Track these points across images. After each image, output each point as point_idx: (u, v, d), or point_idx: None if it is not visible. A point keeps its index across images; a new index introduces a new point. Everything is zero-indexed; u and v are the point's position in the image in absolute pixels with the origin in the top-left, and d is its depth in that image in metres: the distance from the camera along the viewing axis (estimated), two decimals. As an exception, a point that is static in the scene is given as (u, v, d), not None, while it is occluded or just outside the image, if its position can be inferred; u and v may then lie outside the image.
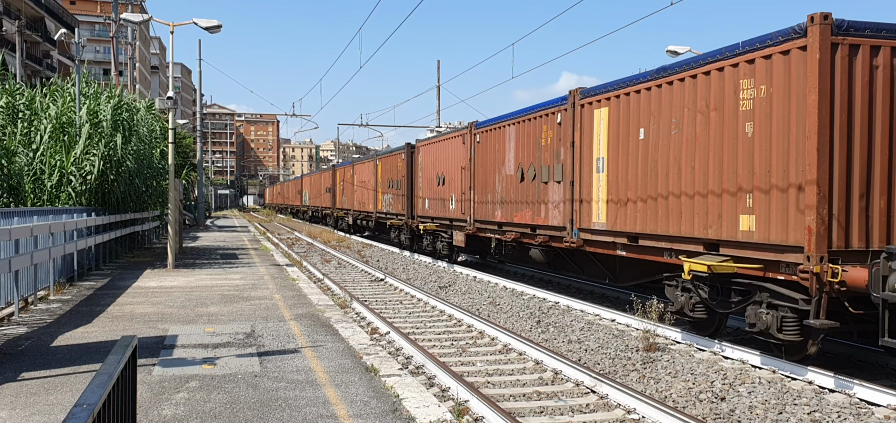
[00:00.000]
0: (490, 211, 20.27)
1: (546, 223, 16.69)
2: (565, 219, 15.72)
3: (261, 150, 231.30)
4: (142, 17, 22.97)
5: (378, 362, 8.99)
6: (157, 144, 28.71)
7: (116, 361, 3.46)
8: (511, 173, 18.71)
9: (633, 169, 13.16)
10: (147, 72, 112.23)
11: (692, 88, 11.58)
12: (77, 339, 10.38)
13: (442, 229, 24.87)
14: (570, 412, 8.32)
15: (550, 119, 16.48)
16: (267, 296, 14.92)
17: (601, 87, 14.54)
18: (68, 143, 20.73)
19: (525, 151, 17.84)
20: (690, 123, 11.61)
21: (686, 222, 11.65)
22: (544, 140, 16.79)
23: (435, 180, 25.50)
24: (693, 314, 11.69)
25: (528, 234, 17.71)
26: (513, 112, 19.07)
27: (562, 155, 15.87)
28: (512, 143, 18.69)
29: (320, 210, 56.32)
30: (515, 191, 18.41)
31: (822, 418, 7.96)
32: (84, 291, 15.57)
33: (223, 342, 10.14)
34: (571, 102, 15.44)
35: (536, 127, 17.21)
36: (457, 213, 23.13)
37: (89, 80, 24.83)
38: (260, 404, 7.20)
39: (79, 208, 18.65)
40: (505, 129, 19.18)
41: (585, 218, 14.91)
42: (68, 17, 78.49)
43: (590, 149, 14.74)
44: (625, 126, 13.44)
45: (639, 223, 12.95)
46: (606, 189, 14.07)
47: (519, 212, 18.19)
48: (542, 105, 17.11)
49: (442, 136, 25.41)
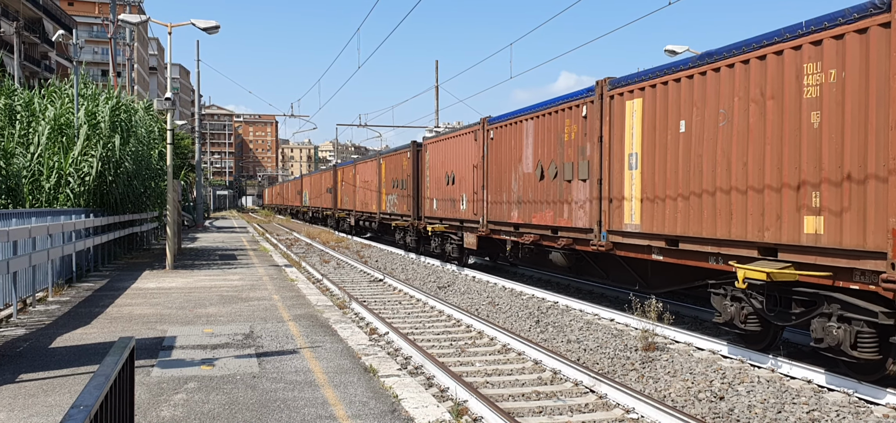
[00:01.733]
0: (505, 212, 19.14)
1: (569, 225, 15.59)
2: (592, 220, 14.61)
3: (259, 150, 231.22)
4: (140, 19, 22.95)
5: (377, 362, 8.98)
6: (155, 145, 28.70)
7: (114, 362, 3.45)
8: (529, 171, 17.60)
9: (673, 166, 12.04)
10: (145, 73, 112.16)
11: (743, 74, 10.47)
12: (76, 340, 10.36)
13: (451, 231, 23.74)
14: (570, 411, 8.32)
15: (574, 112, 15.35)
16: (265, 297, 14.91)
17: (634, 76, 13.36)
18: (66, 144, 20.71)
19: (545, 147, 16.72)
20: (742, 114, 10.49)
21: (737, 224, 10.55)
22: (567, 135, 15.65)
23: (444, 180, 24.38)
24: (745, 326, 10.54)
25: (549, 236, 16.64)
26: (531, 106, 17.85)
27: (588, 151, 14.77)
28: (530, 139, 17.57)
29: (321, 211, 55.30)
30: (534, 190, 17.34)
31: (820, 416, 7.96)
32: (83, 292, 15.55)
33: (222, 343, 10.13)
34: (599, 94, 14.31)
35: (558, 121, 16.09)
36: (468, 214, 22.02)
37: (87, 81, 24.80)
38: (258, 405, 7.19)
39: (77, 210, 18.63)
40: (522, 124, 18.02)
41: (615, 219, 13.80)
42: (66, 18, 78.48)
43: (620, 144, 13.64)
44: (662, 118, 12.34)
45: (679, 225, 11.86)
46: (640, 188, 12.99)
47: (538, 213, 17.09)
48: (565, 97, 15.94)
49: (451, 133, 24.12)
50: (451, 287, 19.08)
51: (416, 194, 27.85)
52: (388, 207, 32.12)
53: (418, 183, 27.77)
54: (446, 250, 24.26)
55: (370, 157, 37.37)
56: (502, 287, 18.64)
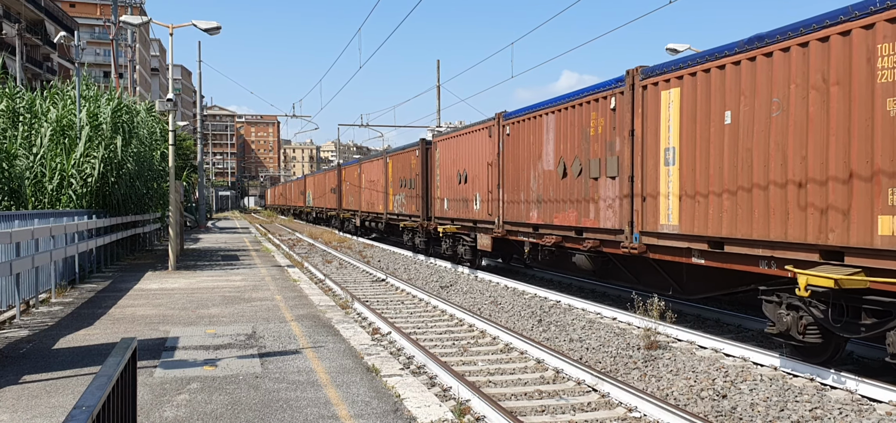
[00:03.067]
0: (523, 212, 18.04)
1: (596, 226, 14.53)
2: (622, 221, 13.56)
3: (261, 151, 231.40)
4: (141, 20, 22.97)
5: (379, 362, 8.99)
6: (157, 146, 28.73)
7: (116, 363, 3.46)
8: (550, 169, 16.49)
9: (717, 161, 11.03)
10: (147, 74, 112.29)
11: (802, 59, 9.50)
12: (79, 341, 10.38)
13: (464, 232, 22.66)
14: (572, 410, 8.32)
15: (601, 105, 14.27)
16: (268, 297, 14.93)
17: (670, 64, 12.33)
18: (69, 146, 20.74)
19: (568, 142, 15.61)
20: (800, 103, 9.50)
21: (795, 225, 9.55)
22: (593, 129, 14.54)
23: (455, 178, 23.26)
24: (804, 338, 9.58)
25: (572, 238, 15.57)
26: (552, 98, 16.68)
27: (616, 146, 13.74)
28: (550, 134, 16.44)
29: (325, 211, 54.25)
30: (555, 189, 16.22)
31: (823, 414, 7.95)
32: (85, 293, 15.58)
33: (224, 344, 10.15)
34: (629, 84, 13.27)
35: (583, 114, 14.98)
36: (481, 214, 20.90)
37: (89, 82, 24.84)
38: (261, 405, 7.20)
39: (80, 211, 18.65)
40: (542, 118, 16.89)
41: (649, 220, 12.74)
42: (68, 19, 78.59)
43: (655, 138, 12.58)
44: (703, 109, 11.34)
45: (725, 226, 10.83)
46: (678, 186, 11.95)
47: (560, 213, 15.98)
48: (591, 89, 14.79)
49: (463, 129, 22.90)
50: (454, 287, 19.09)
51: (426, 194, 26.88)
52: (395, 207, 31.22)
53: (427, 182, 26.83)
54: (458, 252, 23.38)
55: (376, 155, 36.32)
56: (505, 286, 18.64)
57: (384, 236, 37.75)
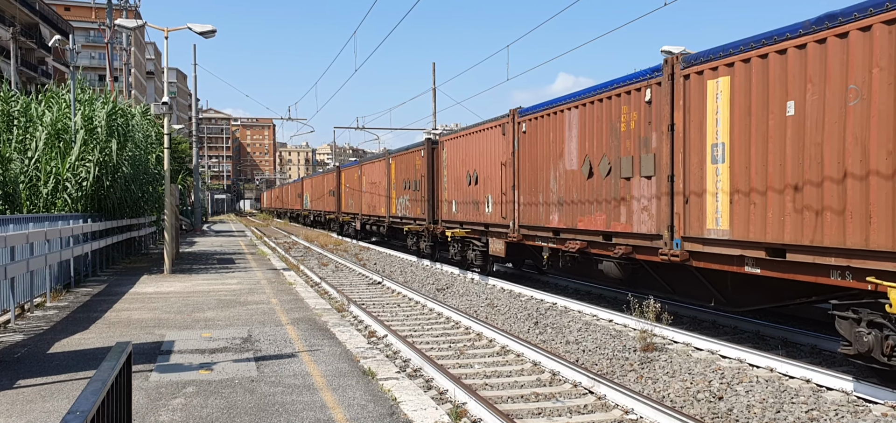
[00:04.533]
0: (541, 215, 16.78)
1: (628, 230, 13.22)
2: (660, 225, 12.30)
3: (257, 154, 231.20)
4: (136, 23, 22.93)
5: (375, 365, 8.97)
6: (152, 150, 28.66)
7: (111, 367, 3.45)
8: (573, 168, 15.24)
9: (777, 158, 9.80)
10: (142, 77, 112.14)
11: (887, 39, 8.31)
12: (74, 345, 10.35)
13: (474, 236, 21.37)
14: (569, 413, 8.31)
15: (634, 97, 13.05)
16: (264, 300, 14.90)
17: (717, 49, 11.06)
18: (64, 149, 20.69)
19: (595, 139, 14.36)
20: (885, 90, 8.35)
21: (879, 231, 8.38)
22: (624, 124, 13.31)
23: (465, 180, 22.02)
24: (891, 361, 8.46)
25: (600, 243, 14.30)
26: (576, 92, 15.50)
27: (653, 142, 12.51)
28: (573, 130, 15.22)
29: (323, 214, 52.79)
30: (580, 190, 14.97)
31: (819, 416, 7.96)
32: (81, 297, 15.53)
33: (220, 347, 10.12)
34: (668, 73, 12.03)
35: (612, 109, 13.75)
36: (494, 217, 19.71)
37: (84, 86, 24.76)
38: (257, 409, 7.18)
39: (75, 215, 18.60)
40: (564, 113, 15.67)
41: (693, 224, 11.47)
42: (63, 23, 78.47)
43: (700, 132, 11.33)
44: (760, 99, 10.11)
45: (788, 232, 9.58)
46: (729, 186, 10.71)
47: (586, 216, 14.74)
48: (622, 80, 13.56)
49: (472, 127, 21.61)
50: (450, 289, 19.08)
51: (432, 196, 25.62)
52: (398, 210, 30.14)
53: (434, 184, 25.59)
54: (468, 258, 22.05)
55: (378, 156, 35.09)
56: (501, 289, 18.64)
57: (386, 241, 36.89)
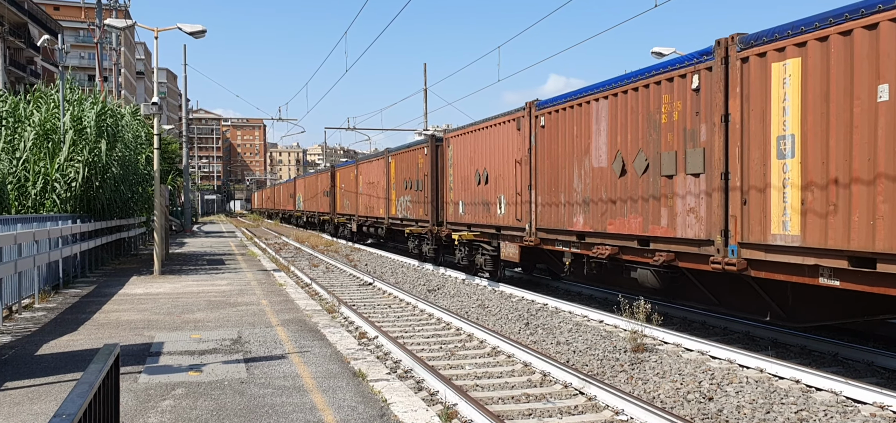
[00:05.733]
0: (563, 217, 15.40)
1: (670, 235, 11.88)
2: (711, 229, 10.88)
3: (248, 154, 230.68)
4: (126, 23, 22.85)
5: (366, 366, 8.95)
6: (142, 150, 28.56)
7: (98, 369, 3.42)
8: (602, 165, 13.91)
9: (866, 153, 8.52)
10: (132, 77, 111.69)
11: None
12: (62, 347, 10.29)
13: (484, 240, 20.02)
14: (559, 414, 8.31)
15: (678, 85, 11.71)
16: (254, 302, 14.85)
17: (784, 27, 9.67)
18: (52, 150, 20.58)
19: (629, 132, 13.03)
20: None
21: None
22: (665, 116, 11.98)
23: (473, 179, 20.69)
24: None
25: (634, 249, 12.94)
26: (605, 81, 14.08)
27: (702, 135, 11.16)
28: (602, 123, 13.88)
29: (317, 216, 50.91)
30: (610, 189, 13.63)
31: (809, 416, 7.99)
32: (69, 298, 15.44)
33: (210, 349, 10.08)
34: (721, 57, 10.67)
35: (650, 98, 12.39)
36: (507, 219, 18.37)
37: (73, 86, 24.64)
38: (247, 410, 7.15)
39: (63, 216, 18.50)
40: (590, 105, 14.29)
41: (753, 228, 10.07)
42: (52, 22, 78.04)
43: (762, 123, 9.95)
44: (842, 83, 8.80)
45: (880, 238, 8.31)
46: (800, 185, 9.36)
47: (617, 218, 13.35)
48: (662, 66, 12.23)
49: (483, 122, 20.15)
50: (441, 290, 19.06)
51: (436, 197, 24.35)
52: (398, 211, 28.79)
53: (438, 184, 24.32)
54: (476, 262, 20.73)
55: (376, 155, 33.88)
56: (492, 290, 18.64)
57: (383, 243, 35.82)
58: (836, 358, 10.71)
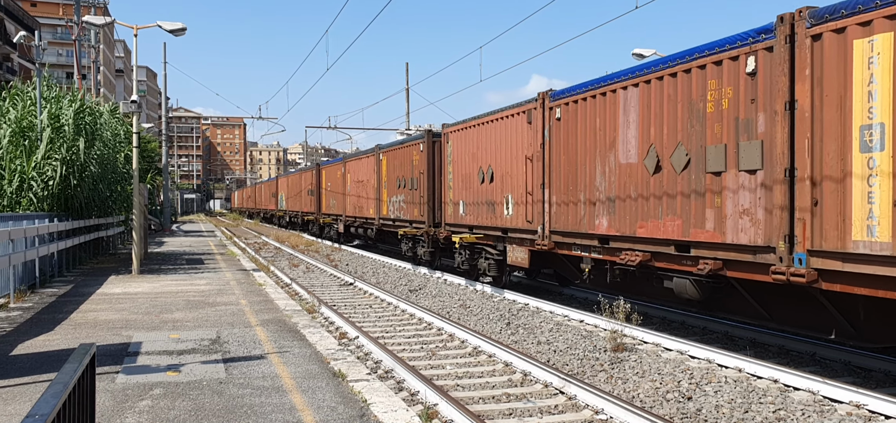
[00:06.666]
0: (582, 218, 14.02)
1: (717, 240, 10.44)
2: (771, 234, 9.49)
3: (227, 153, 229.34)
4: (105, 20, 22.63)
5: (346, 367, 8.92)
6: (121, 149, 28.29)
7: (73, 369, 3.37)
8: (630, 161, 12.55)
9: None
10: (111, 75, 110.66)
11: None
12: (38, 347, 10.16)
13: (487, 243, 18.69)
14: (539, 413, 8.33)
15: (729, 69, 10.29)
16: (233, 302, 14.76)
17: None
18: (29, 147, 20.33)
19: (665, 124, 11.61)
20: None
21: None
22: (712, 104, 10.59)
23: (475, 177, 19.29)
24: None
25: (670, 255, 11.59)
26: (634, 67, 12.71)
27: (758, 125, 9.76)
28: (631, 114, 12.50)
29: (300, 216, 48.99)
30: (640, 187, 12.28)
31: (786, 415, 8.06)
32: (46, 298, 15.26)
33: (188, 349, 10.00)
34: (785, 34, 9.27)
35: (693, 84, 10.99)
36: (515, 220, 16.98)
37: (51, 83, 24.37)
38: (225, 411, 7.10)
39: (40, 214, 18.28)
40: (616, 94, 12.94)
41: (828, 234, 8.72)
42: (29, 19, 77.10)
43: (839, 110, 8.62)
44: None
45: None
46: (892, 184, 8.01)
47: (649, 220, 12.00)
48: (708, 47, 10.73)
49: (486, 115, 18.79)
50: (423, 290, 19.05)
51: (433, 196, 22.87)
52: (391, 211, 27.18)
53: (435, 182, 22.84)
54: (479, 267, 19.35)
55: (366, 152, 31.96)
56: (473, 290, 18.65)
57: (371, 245, 34.41)
58: (813, 358, 10.82)
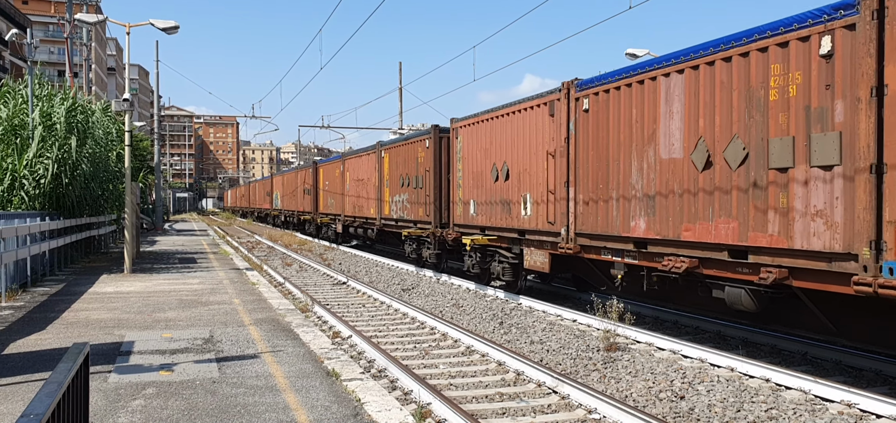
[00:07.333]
0: (614, 219, 12.80)
1: (782, 245, 9.31)
2: (851, 239, 8.42)
3: (220, 152, 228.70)
4: (97, 18, 22.53)
5: (339, 366, 8.92)
6: (113, 147, 28.21)
7: (67, 369, 3.37)
8: (674, 156, 11.37)
9: None
10: (103, 73, 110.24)
11: None
12: (30, 346, 10.12)
13: (502, 245, 17.56)
14: (532, 412, 8.34)
15: (797, 51, 9.14)
16: (226, 301, 14.73)
17: None
18: (21, 146, 20.26)
19: (717, 114, 10.43)
20: None
21: None
22: (775, 91, 9.43)
23: (488, 174, 18.06)
24: None
25: (723, 262, 10.42)
26: (679, 51, 11.42)
27: (836, 115, 8.64)
28: (675, 104, 11.35)
29: (296, 215, 47.68)
30: (687, 186, 11.08)
31: (778, 414, 8.09)
32: (38, 297, 15.21)
33: (181, 348, 9.98)
34: (873, 10, 8.13)
35: (751, 69, 9.83)
36: (535, 221, 15.73)
37: (43, 81, 24.27)
38: (218, 410, 7.09)
39: (32, 213, 18.22)
40: (656, 81, 11.76)
41: None
42: (20, 16, 76.74)
43: None
44: None
45: None
46: None
47: (697, 222, 10.80)
48: (771, 27, 9.52)
49: (502, 108, 17.47)
50: (416, 289, 19.05)
51: (439, 195, 21.73)
52: (393, 211, 25.92)
53: (442, 180, 21.67)
54: (492, 271, 18.21)
55: (367, 149, 30.64)
56: (466, 289, 18.66)
57: (370, 246, 33.75)
58: (805, 357, 10.86)
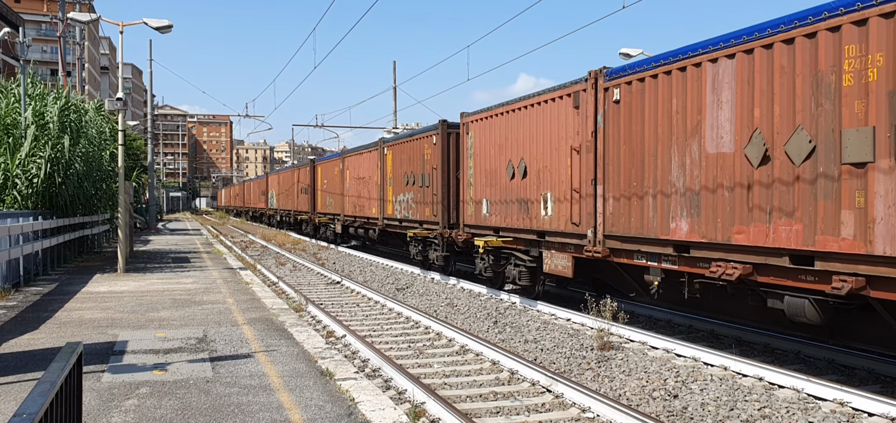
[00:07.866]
0: (651, 220, 11.70)
1: (859, 251, 8.30)
2: None
3: (214, 151, 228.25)
4: (90, 17, 22.45)
5: (333, 365, 8.91)
6: (106, 146, 28.11)
7: (60, 368, 3.36)
8: (723, 150, 10.24)
9: None
10: (96, 72, 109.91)
11: None
12: (23, 346, 10.09)
13: (518, 248, 16.36)
14: (526, 411, 8.36)
15: (877, 29, 8.12)
16: (220, 300, 14.71)
17: None
18: (13, 145, 20.18)
19: (777, 102, 9.35)
20: None
21: None
22: (850, 76, 8.39)
23: (504, 172, 16.85)
24: None
25: (784, 269, 9.33)
26: (728, 34, 10.26)
27: None
28: (724, 92, 10.21)
29: (293, 215, 46.48)
30: (739, 182, 9.96)
31: (771, 413, 8.12)
32: (31, 296, 15.16)
33: (175, 348, 9.96)
34: None
35: (819, 52, 8.79)
36: (557, 222, 14.59)
37: (35, 80, 24.17)
38: (212, 409, 7.08)
39: (24, 212, 18.15)
40: (701, 68, 10.65)
41: None
42: (13, 15, 76.38)
43: None
44: None
45: None
46: None
47: (751, 224, 9.73)
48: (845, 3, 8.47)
49: (519, 101, 16.32)
50: (410, 289, 19.05)
51: (447, 194, 20.60)
52: (397, 210, 24.74)
53: (450, 178, 20.60)
54: (507, 275, 16.96)
55: (369, 146, 29.39)
56: (461, 288, 18.67)
57: (369, 247, 33.18)
58: (798, 356, 10.90)
